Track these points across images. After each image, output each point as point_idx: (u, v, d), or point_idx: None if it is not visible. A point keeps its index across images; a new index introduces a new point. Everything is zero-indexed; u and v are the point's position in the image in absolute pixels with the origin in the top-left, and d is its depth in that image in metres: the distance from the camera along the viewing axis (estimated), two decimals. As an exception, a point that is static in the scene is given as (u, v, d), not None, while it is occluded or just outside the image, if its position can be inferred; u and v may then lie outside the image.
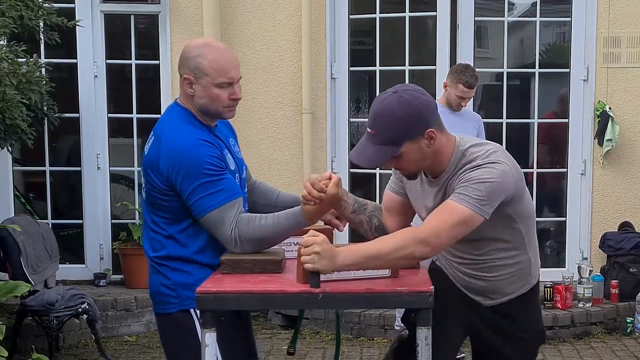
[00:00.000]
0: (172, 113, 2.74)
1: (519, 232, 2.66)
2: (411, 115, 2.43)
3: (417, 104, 2.45)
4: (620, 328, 5.98)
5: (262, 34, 6.43)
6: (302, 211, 2.65)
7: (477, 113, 6.12)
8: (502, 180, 2.45)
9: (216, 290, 2.38)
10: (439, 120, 2.52)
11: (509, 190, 2.48)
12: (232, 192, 2.63)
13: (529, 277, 2.77)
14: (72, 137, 6.62)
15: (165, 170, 2.62)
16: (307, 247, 2.35)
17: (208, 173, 2.59)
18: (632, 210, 6.42)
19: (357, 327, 5.91)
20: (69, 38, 6.09)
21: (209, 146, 2.63)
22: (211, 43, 2.76)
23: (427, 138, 2.47)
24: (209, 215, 2.60)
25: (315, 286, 2.36)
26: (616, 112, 6.29)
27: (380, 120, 2.46)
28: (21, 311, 5.01)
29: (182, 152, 2.60)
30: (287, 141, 6.49)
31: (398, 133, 2.44)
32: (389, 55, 6.52)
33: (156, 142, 2.68)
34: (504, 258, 2.68)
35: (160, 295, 2.74)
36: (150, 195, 2.70)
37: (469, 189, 2.43)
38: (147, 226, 2.77)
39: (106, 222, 6.47)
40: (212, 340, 2.38)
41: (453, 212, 2.41)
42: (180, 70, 2.71)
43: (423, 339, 2.39)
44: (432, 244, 2.39)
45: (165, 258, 2.71)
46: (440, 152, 2.53)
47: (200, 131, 2.68)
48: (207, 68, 2.65)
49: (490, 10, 6.94)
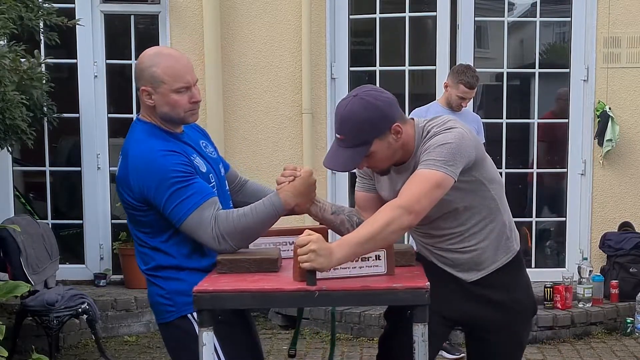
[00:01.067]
0: (135, 130, 2.75)
1: (491, 197, 2.75)
2: (375, 114, 2.55)
3: (379, 103, 2.57)
4: (620, 328, 5.98)
5: (262, 34, 6.43)
6: (277, 194, 2.67)
7: (476, 114, 6.12)
8: (460, 142, 2.56)
9: (213, 290, 2.38)
10: (401, 113, 2.64)
11: (469, 152, 2.58)
12: (204, 194, 2.62)
13: (509, 243, 2.84)
14: (72, 137, 6.63)
15: (136, 186, 2.63)
16: (302, 246, 2.36)
17: (176, 181, 2.59)
18: (632, 211, 6.43)
19: (357, 327, 5.92)
20: (69, 38, 6.09)
21: (173, 155, 2.63)
22: (162, 51, 2.76)
23: (394, 132, 2.59)
24: (186, 221, 2.60)
25: (312, 284, 2.37)
26: (616, 112, 6.29)
27: (347, 125, 2.57)
28: (21, 311, 5.02)
29: (147, 165, 2.61)
30: (287, 141, 6.49)
31: (366, 133, 2.56)
32: (389, 55, 6.52)
33: (124, 161, 2.70)
34: (481, 224, 2.76)
35: (158, 305, 2.76)
36: (128, 212, 2.73)
37: (431, 153, 2.54)
38: (135, 242, 2.80)
39: (106, 222, 6.48)
40: (209, 339, 2.38)
41: (425, 177, 2.51)
42: (137, 84, 2.71)
43: (420, 336, 2.39)
44: (415, 211, 2.47)
45: (156, 269, 2.73)
46: (407, 142, 2.65)
47: (163, 142, 2.68)
48: (162, 76, 2.66)
49: (490, 10, 6.94)
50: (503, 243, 2.83)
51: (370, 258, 2.51)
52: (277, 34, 6.42)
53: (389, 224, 2.42)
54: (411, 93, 6.53)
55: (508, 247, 2.84)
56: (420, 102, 5.90)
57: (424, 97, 6.41)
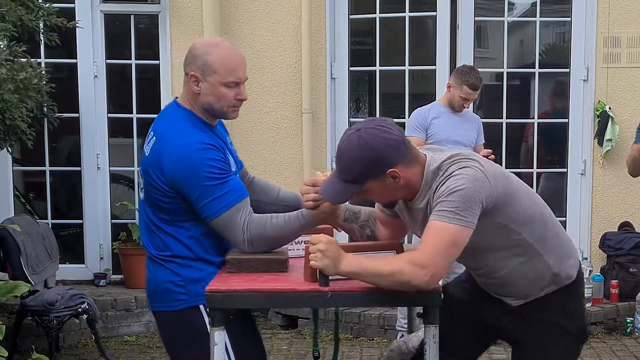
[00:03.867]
0: (175, 114, 2.72)
1: (522, 240, 2.54)
2: (369, 157, 2.38)
3: (376, 144, 2.38)
4: (620, 328, 5.98)
5: (262, 34, 6.42)
6: (311, 214, 2.67)
7: (476, 114, 6.11)
8: (473, 186, 2.36)
9: (225, 289, 2.38)
10: (405, 155, 2.43)
11: (486, 194, 2.38)
12: (238, 194, 2.63)
13: (557, 278, 2.62)
14: (72, 137, 6.62)
15: (169, 172, 2.60)
16: (314, 244, 2.36)
17: (214, 177, 2.58)
18: (632, 210, 6.42)
19: (357, 327, 5.91)
20: (69, 38, 6.08)
21: (213, 150, 2.62)
22: (220, 43, 2.75)
23: (391, 177, 2.41)
24: (218, 218, 2.60)
25: (324, 285, 2.37)
26: (616, 112, 6.29)
27: (342, 159, 2.43)
28: (21, 311, 5.01)
29: (186, 155, 2.59)
30: (287, 141, 6.49)
31: (358, 173, 2.41)
32: (389, 55, 6.52)
33: (159, 143, 2.66)
34: (511, 265, 2.57)
35: (167, 292, 2.70)
36: (151, 195, 2.68)
37: (443, 203, 2.36)
38: (147, 225, 2.75)
39: (106, 222, 6.47)
40: (221, 339, 2.38)
41: (439, 232, 2.34)
42: (186, 68, 2.70)
43: (431, 337, 2.39)
44: (432, 273, 2.31)
45: (172, 256, 2.70)
46: (410, 183, 2.46)
47: (203, 134, 2.66)
48: (215, 66, 2.64)
49: (490, 10, 6.94)
50: (548, 279, 2.62)
51: None
52: (277, 34, 6.42)
53: (399, 273, 2.31)
54: (411, 93, 6.53)
55: (555, 281, 2.63)
56: (420, 102, 5.90)
57: (424, 97, 6.41)
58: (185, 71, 2.71)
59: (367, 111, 8.18)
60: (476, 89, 5.37)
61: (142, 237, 2.83)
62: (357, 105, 8.11)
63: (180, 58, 2.90)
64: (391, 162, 2.39)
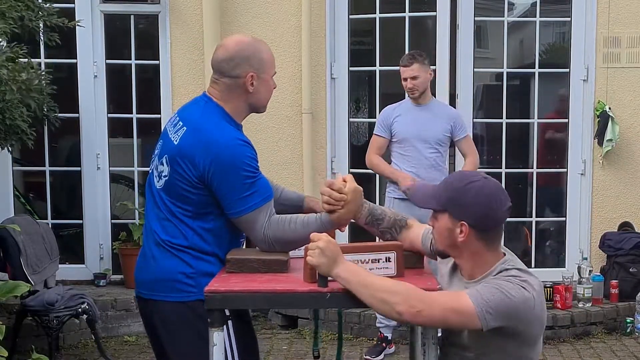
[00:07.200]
0: (209, 108, 2.74)
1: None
2: (468, 198, 2.39)
3: (481, 195, 2.39)
4: (620, 328, 5.98)
5: (262, 34, 6.39)
6: (329, 218, 2.68)
7: (455, 109, 5.81)
8: (519, 304, 2.29)
9: (225, 290, 2.38)
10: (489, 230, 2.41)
11: (520, 318, 2.31)
12: (265, 195, 2.66)
13: None
14: (72, 137, 6.61)
15: (201, 164, 2.62)
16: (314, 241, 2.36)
17: (246, 175, 2.62)
18: (632, 210, 6.43)
19: (357, 327, 5.92)
20: (69, 38, 6.08)
21: (247, 147, 2.66)
22: (256, 38, 2.82)
23: (459, 226, 2.39)
24: (243, 217, 2.64)
25: (323, 285, 2.37)
26: (616, 112, 6.29)
27: (453, 179, 2.48)
28: (21, 311, 5.01)
29: (223, 150, 2.61)
30: (287, 141, 6.49)
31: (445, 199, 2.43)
32: (389, 55, 6.52)
33: (192, 134, 2.66)
34: None
35: (177, 282, 2.70)
36: (176, 185, 2.68)
37: (486, 289, 2.30)
38: (161, 212, 2.73)
39: (106, 222, 6.47)
40: (220, 340, 2.38)
41: (460, 299, 2.29)
42: (237, 71, 2.71)
43: (430, 338, 2.40)
44: (421, 310, 2.26)
45: (186, 247, 2.70)
46: (476, 258, 2.43)
47: (237, 131, 2.71)
48: (267, 61, 2.74)
49: (490, 10, 6.94)
50: None
51: (381, 260, 2.52)
52: (277, 34, 6.41)
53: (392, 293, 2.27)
54: (411, 93, 6.52)
55: None
56: (420, 102, 5.88)
57: (423, 97, 6.39)
58: (234, 74, 2.71)
59: (367, 111, 8.18)
60: (406, 65, 5.22)
61: (150, 222, 2.79)
62: (357, 105, 8.11)
63: (180, 58, 2.90)
64: (471, 217, 2.39)
